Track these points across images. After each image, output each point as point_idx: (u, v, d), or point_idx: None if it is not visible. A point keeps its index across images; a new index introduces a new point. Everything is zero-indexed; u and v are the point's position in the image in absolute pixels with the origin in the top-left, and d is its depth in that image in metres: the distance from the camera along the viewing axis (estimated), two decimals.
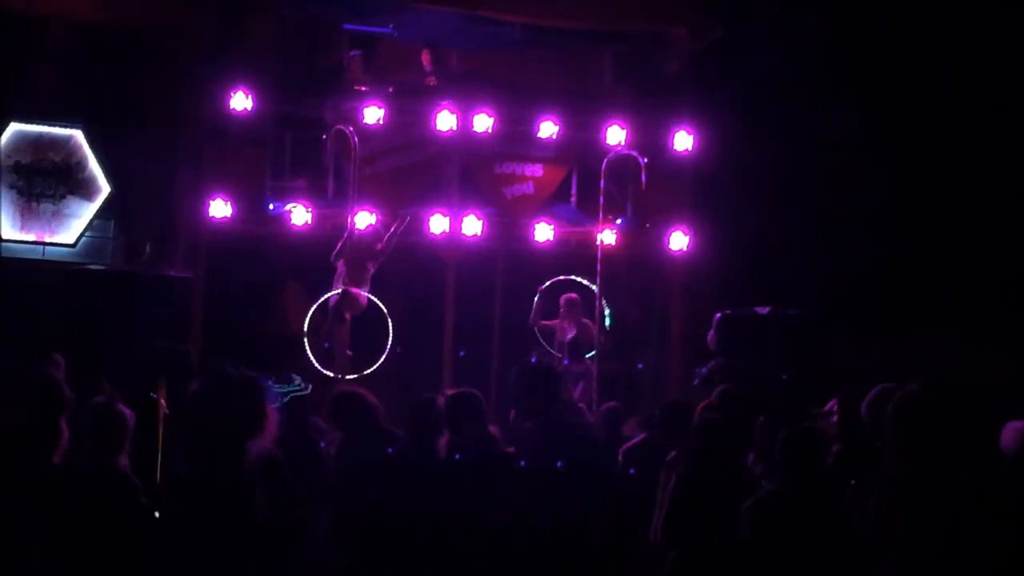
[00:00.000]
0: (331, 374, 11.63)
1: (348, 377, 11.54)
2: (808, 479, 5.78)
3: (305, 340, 12.10)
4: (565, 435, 7.20)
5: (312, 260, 12.60)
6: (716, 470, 6.26)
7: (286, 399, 7.57)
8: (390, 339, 12.35)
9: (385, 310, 12.39)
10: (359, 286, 12.09)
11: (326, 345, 12.28)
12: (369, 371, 11.91)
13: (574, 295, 13.16)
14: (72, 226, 13.16)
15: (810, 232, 13.89)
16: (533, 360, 13.30)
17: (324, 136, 12.63)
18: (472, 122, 12.54)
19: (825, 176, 14.05)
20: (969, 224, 13.74)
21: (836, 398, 7.32)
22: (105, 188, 13.29)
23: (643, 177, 12.13)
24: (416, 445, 6.68)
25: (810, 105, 13.57)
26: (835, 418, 7.10)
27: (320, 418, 8.04)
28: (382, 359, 12.11)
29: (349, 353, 12.23)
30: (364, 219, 12.11)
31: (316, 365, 11.81)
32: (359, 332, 12.35)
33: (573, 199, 14.08)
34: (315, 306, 12.22)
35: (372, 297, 12.24)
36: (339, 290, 12.02)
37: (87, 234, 13.23)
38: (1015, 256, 13.45)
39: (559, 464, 6.85)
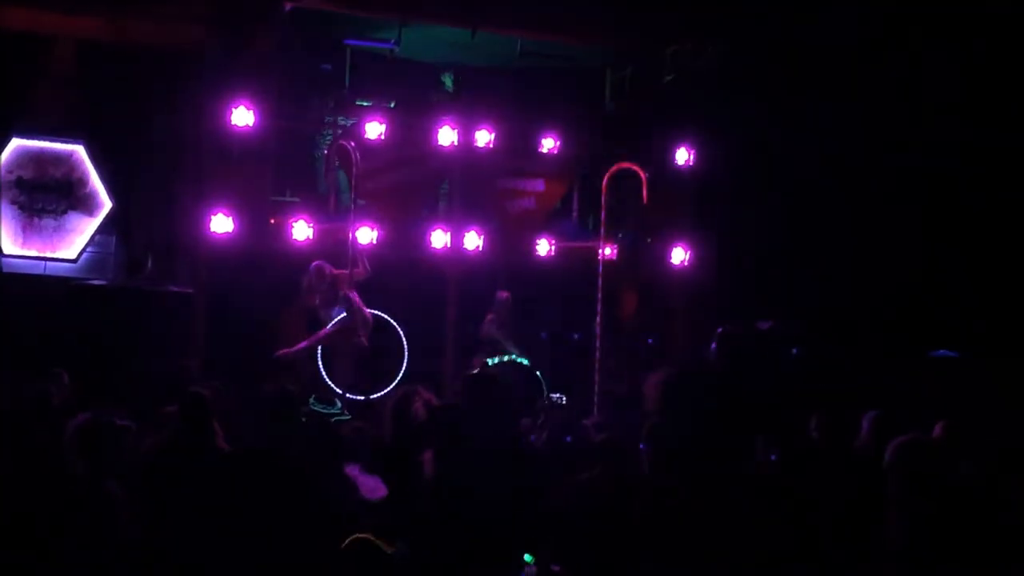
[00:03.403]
0: (343, 392, 11.61)
1: (357, 398, 11.51)
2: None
3: (319, 364, 12.06)
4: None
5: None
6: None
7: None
8: (405, 361, 12.32)
9: (402, 333, 12.37)
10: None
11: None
12: (379, 395, 11.85)
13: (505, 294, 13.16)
14: (74, 241, 13.20)
15: (813, 246, 13.88)
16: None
17: (326, 151, 12.65)
18: (473, 137, 12.56)
19: (828, 189, 14.04)
20: (979, 239, 13.70)
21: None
22: (107, 203, 13.32)
23: (644, 192, 12.12)
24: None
25: (812, 119, 13.56)
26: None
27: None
28: (395, 383, 12.04)
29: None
30: (366, 234, 12.09)
31: (331, 385, 11.80)
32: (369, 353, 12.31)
33: (575, 214, 14.10)
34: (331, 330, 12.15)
35: (386, 316, 12.20)
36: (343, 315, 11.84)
37: (89, 249, 13.26)
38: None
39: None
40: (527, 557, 6.68)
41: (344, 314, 11.64)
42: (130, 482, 5.79)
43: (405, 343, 12.45)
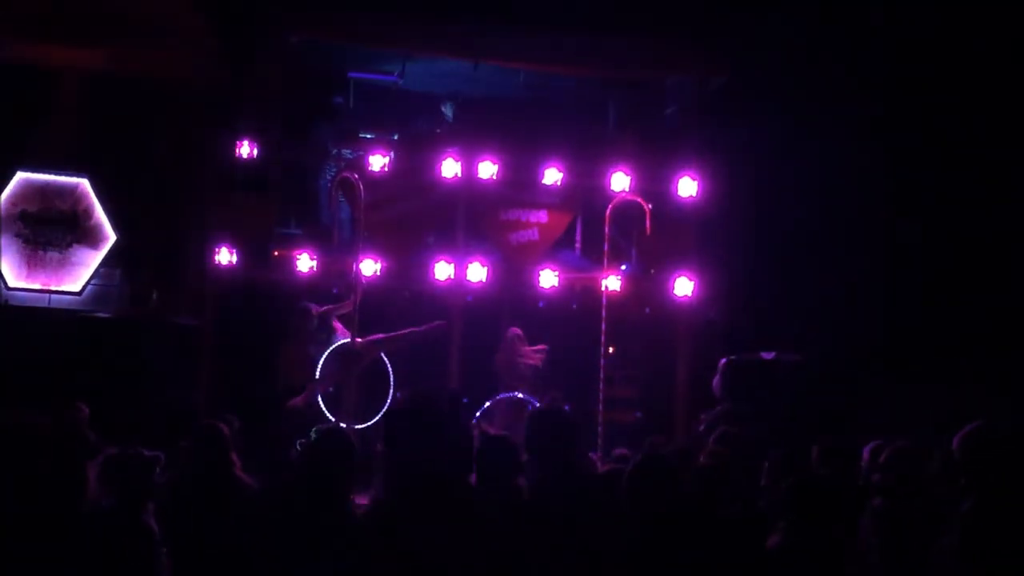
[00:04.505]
0: (338, 421, 11.61)
1: (356, 427, 11.51)
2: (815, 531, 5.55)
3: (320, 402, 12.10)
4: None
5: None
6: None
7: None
8: (391, 389, 12.35)
9: (387, 362, 12.40)
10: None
11: (330, 389, 12.26)
12: (372, 421, 11.88)
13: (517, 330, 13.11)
14: (78, 274, 13.21)
15: (816, 277, 13.90)
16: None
17: (329, 184, 12.69)
18: (477, 169, 12.59)
19: (831, 220, 14.07)
20: (980, 268, 13.72)
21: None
22: (111, 236, 13.34)
23: (648, 223, 12.14)
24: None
25: (818, 149, 13.61)
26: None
27: None
28: (384, 409, 12.09)
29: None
30: (369, 266, 12.09)
31: (326, 413, 11.82)
32: (366, 380, 12.34)
33: (578, 245, 14.12)
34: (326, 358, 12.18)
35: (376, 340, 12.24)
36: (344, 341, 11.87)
37: (93, 282, 13.26)
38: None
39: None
40: None
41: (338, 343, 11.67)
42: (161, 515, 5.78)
43: (390, 370, 12.45)
